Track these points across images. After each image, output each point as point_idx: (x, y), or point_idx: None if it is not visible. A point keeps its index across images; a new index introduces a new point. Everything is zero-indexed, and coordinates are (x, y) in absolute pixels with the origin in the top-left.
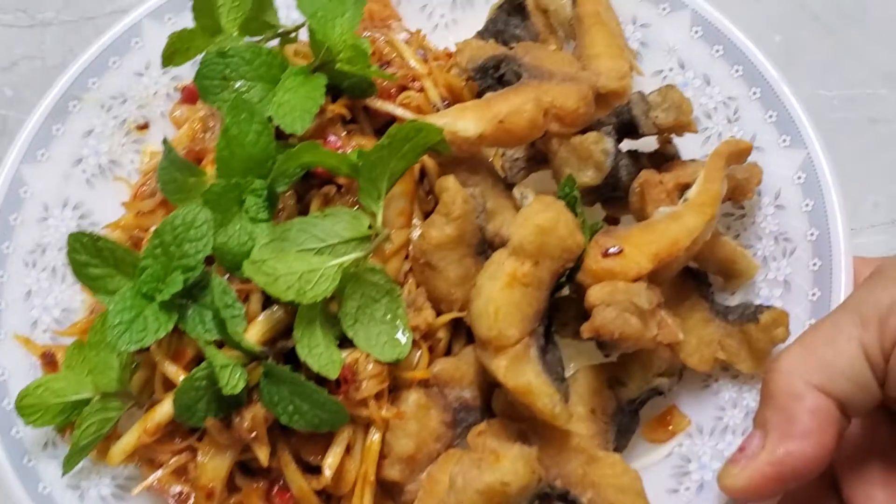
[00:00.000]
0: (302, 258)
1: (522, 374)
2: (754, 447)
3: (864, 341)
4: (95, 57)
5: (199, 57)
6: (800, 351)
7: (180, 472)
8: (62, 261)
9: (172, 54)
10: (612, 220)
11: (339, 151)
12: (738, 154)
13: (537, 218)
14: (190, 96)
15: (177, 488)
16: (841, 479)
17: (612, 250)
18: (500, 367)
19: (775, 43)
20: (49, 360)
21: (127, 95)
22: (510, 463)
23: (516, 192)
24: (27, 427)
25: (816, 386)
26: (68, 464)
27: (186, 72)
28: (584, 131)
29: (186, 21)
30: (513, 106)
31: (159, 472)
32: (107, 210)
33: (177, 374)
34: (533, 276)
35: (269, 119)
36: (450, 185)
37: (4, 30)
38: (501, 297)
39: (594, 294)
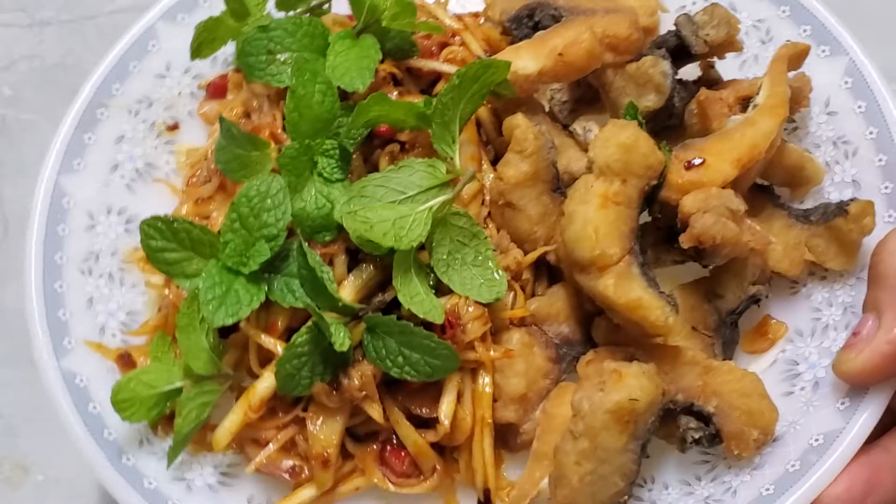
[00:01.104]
0: (390, 208)
1: (631, 290)
2: (869, 329)
3: None
4: (115, 63)
5: (220, 52)
6: None
7: (288, 447)
8: (117, 265)
9: (200, 45)
10: None
11: None
12: (797, 56)
13: (619, 137)
14: (216, 91)
15: (288, 463)
16: None
17: (695, 162)
18: (609, 285)
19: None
20: (126, 361)
21: (152, 98)
22: (635, 379)
23: (578, 127)
24: (119, 427)
25: None
26: (173, 453)
27: (207, 69)
28: (634, 60)
29: (199, 18)
30: (568, 38)
31: (270, 448)
32: (152, 210)
33: (275, 344)
34: (623, 195)
35: None
36: (521, 122)
37: (3, 29)
38: (598, 216)
39: (689, 202)
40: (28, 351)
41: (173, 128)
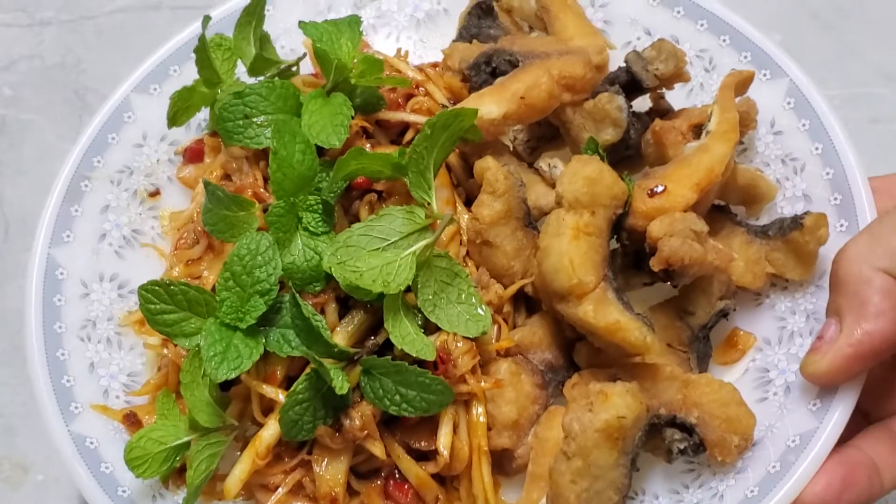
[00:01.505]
0: (376, 255)
1: (610, 314)
2: (832, 333)
3: None
4: (94, 137)
5: (194, 119)
6: (866, 239)
7: (296, 490)
8: (114, 330)
9: (175, 114)
10: None
11: None
12: (743, 82)
13: (584, 171)
14: (193, 155)
15: None
16: None
17: (657, 189)
18: (588, 311)
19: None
20: (132, 421)
21: (132, 167)
22: (620, 398)
23: (543, 164)
24: (132, 484)
25: (883, 270)
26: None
27: (182, 135)
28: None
29: (170, 87)
30: (528, 82)
31: (279, 492)
32: (142, 275)
33: (276, 393)
34: (593, 225)
35: None
36: (490, 164)
37: (3, 29)
38: (572, 248)
39: (656, 228)
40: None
41: (155, 194)
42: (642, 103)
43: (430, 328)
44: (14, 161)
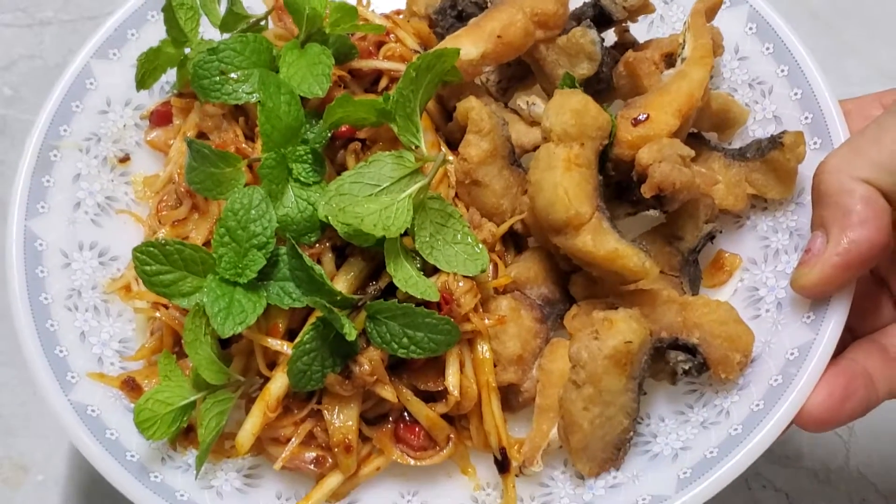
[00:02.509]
0: (373, 200)
1: (607, 243)
2: (819, 245)
3: None
4: (58, 106)
5: (157, 83)
6: (847, 151)
7: (307, 440)
8: (100, 298)
9: (143, 76)
10: None
11: None
12: (711, 9)
13: (570, 103)
14: (161, 118)
15: (311, 455)
16: (888, 274)
17: (640, 118)
18: (587, 241)
19: None
20: (131, 386)
21: (99, 134)
22: (625, 323)
23: (521, 102)
24: (139, 448)
25: (864, 179)
26: (199, 462)
27: (146, 100)
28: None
29: (130, 51)
30: (504, 21)
31: (292, 443)
32: (120, 242)
33: (282, 345)
34: (583, 157)
35: None
36: (474, 104)
37: (3, 29)
38: (566, 180)
39: (645, 155)
40: None
41: (124, 160)
42: (606, 37)
43: (427, 270)
44: (14, 161)
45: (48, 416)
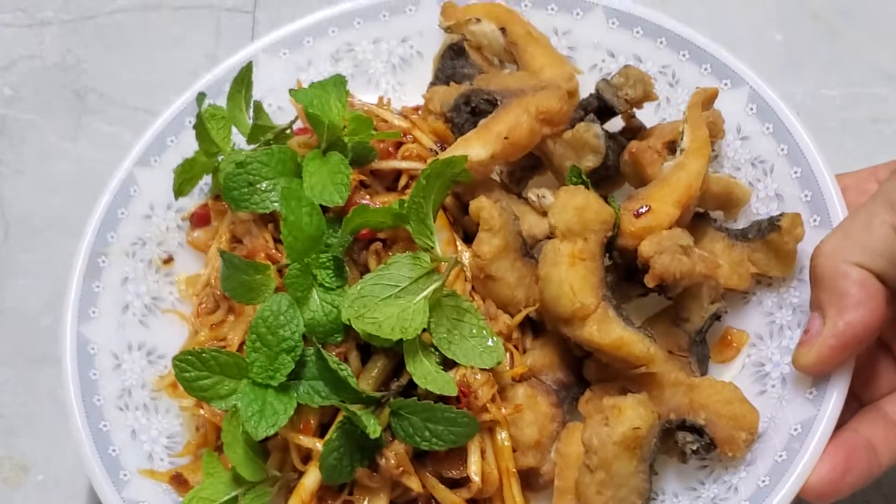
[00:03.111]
0: (390, 303)
1: (612, 331)
2: (817, 327)
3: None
4: (105, 213)
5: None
6: (839, 236)
7: None
8: (149, 396)
9: (181, 185)
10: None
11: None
12: (708, 99)
13: (573, 202)
14: (200, 220)
15: None
16: (890, 339)
17: (642, 210)
18: (593, 331)
19: (777, 42)
20: (179, 481)
21: (144, 238)
22: (633, 410)
23: (532, 195)
24: None
25: (857, 263)
26: None
27: (186, 201)
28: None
29: (169, 157)
30: (510, 122)
31: None
32: (167, 340)
33: (313, 442)
34: (587, 251)
35: None
36: (484, 204)
37: (3, 29)
38: (570, 275)
39: (646, 247)
40: (27, 351)
41: (168, 261)
42: (614, 122)
43: (447, 363)
44: (14, 161)
45: (49, 417)
